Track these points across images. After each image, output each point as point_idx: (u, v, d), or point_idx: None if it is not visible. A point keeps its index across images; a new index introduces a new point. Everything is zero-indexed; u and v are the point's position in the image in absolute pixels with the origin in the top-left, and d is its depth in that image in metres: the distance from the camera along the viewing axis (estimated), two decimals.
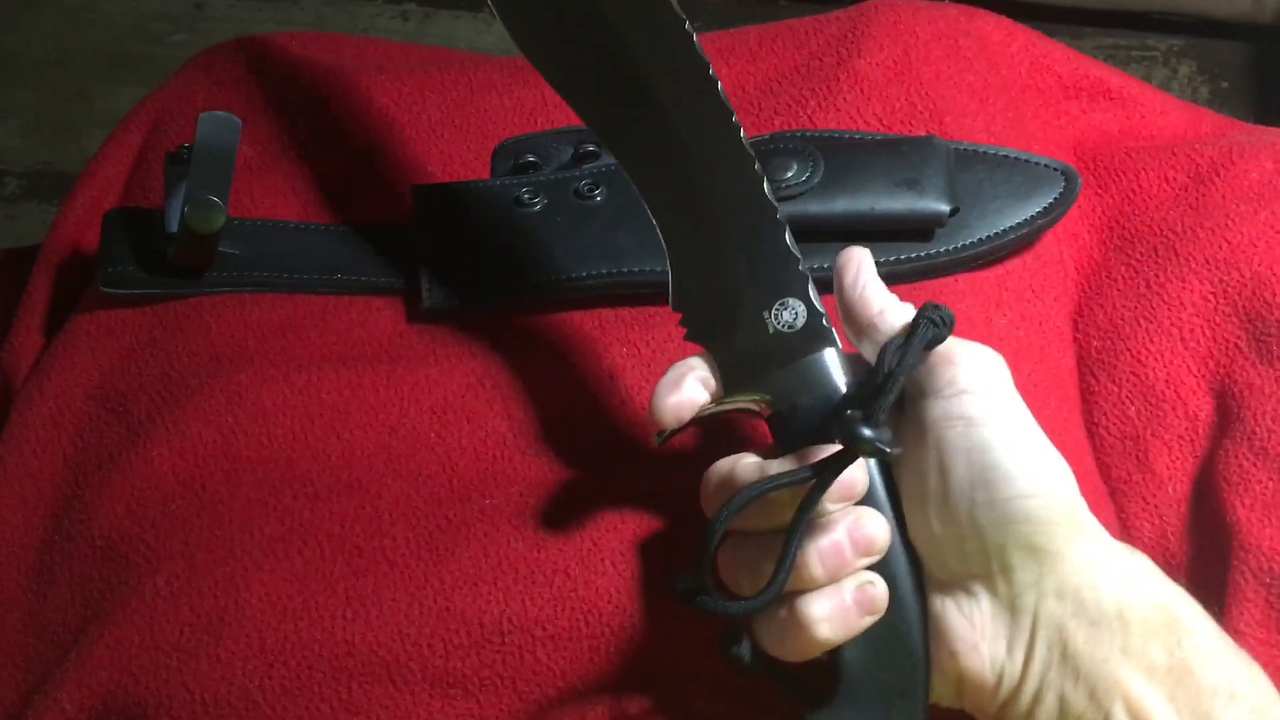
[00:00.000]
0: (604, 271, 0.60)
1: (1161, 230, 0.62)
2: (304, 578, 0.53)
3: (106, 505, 0.56)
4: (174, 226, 0.60)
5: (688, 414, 0.49)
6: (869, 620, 0.46)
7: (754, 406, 0.50)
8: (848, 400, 0.48)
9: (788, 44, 0.68)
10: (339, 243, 0.63)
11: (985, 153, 0.62)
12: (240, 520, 0.54)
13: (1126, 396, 0.59)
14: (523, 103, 0.67)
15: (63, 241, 0.67)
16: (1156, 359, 0.59)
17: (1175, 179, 0.64)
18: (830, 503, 0.46)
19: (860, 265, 0.50)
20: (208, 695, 0.50)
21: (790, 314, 0.50)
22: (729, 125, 0.51)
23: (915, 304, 0.58)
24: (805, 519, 0.45)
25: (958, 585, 0.47)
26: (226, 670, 0.51)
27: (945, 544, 0.46)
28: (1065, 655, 0.45)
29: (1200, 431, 0.58)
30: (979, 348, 0.48)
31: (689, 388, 0.49)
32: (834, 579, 0.46)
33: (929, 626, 0.47)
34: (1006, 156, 0.62)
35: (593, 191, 0.62)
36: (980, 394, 0.46)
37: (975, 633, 0.46)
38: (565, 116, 0.67)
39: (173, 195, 0.60)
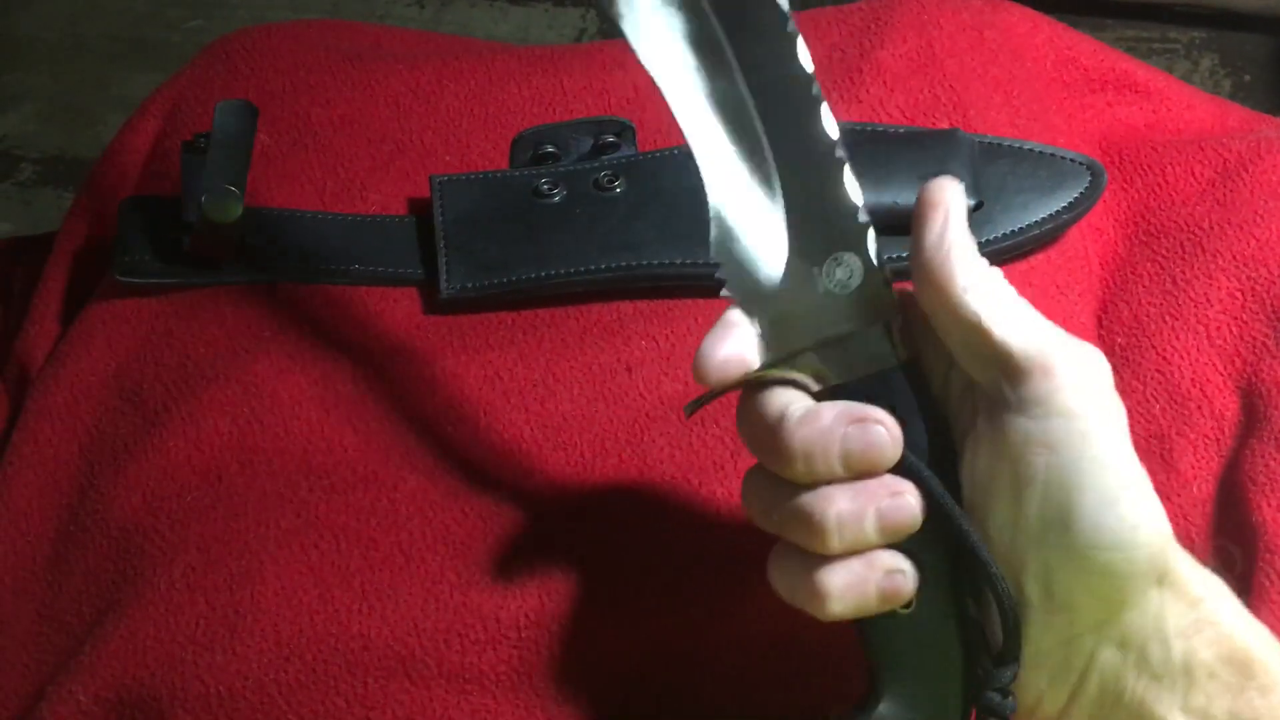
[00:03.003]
0: (623, 264, 0.59)
1: (1188, 226, 0.62)
2: (320, 571, 0.52)
3: (122, 495, 0.55)
4: (191, 216, 0.59)
5: (735, 372, 0.42)
6: (885, 608, 0.42)
7: (805, 379, 0.42)
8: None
9: (809, 34, 0.67)
10: (356, 233, 0.63)
11: (1010, 146, 0.61)
12: (256, 512, 0.54)
13: (1151, 394, 0.58)
14: (542, 93, 0.67)
15: (78, 230, 0.67)
16: (1182, 356, 0.58)
17: (1202, 174, 0.63)
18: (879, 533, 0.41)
19: (948, 215, 0.41)
20: (223, 688, 0.50)
21: (845, 271, 0.43)
22: (787, 36, 0.43)
23: None
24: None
25: None
26: (242, 663, 0.50)
27: (1001, 565, 0.41)
28: (1118, 703, 0.41)
29: (1226, 430, 0.57)
30: (1083, 355, 0.40)
31: (740, 342, 0.42)
32: (852, 553, 0.41)
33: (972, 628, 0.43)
34: (1031, 150, 0.61)
35: (612, 183, 0.61)
36: (1076, 419, 0.39)
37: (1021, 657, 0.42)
38: (585, 107, 0.66)
39: (190, 184, 0.60)
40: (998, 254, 0.59)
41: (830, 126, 0.43)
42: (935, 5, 0.67)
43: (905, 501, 0.41)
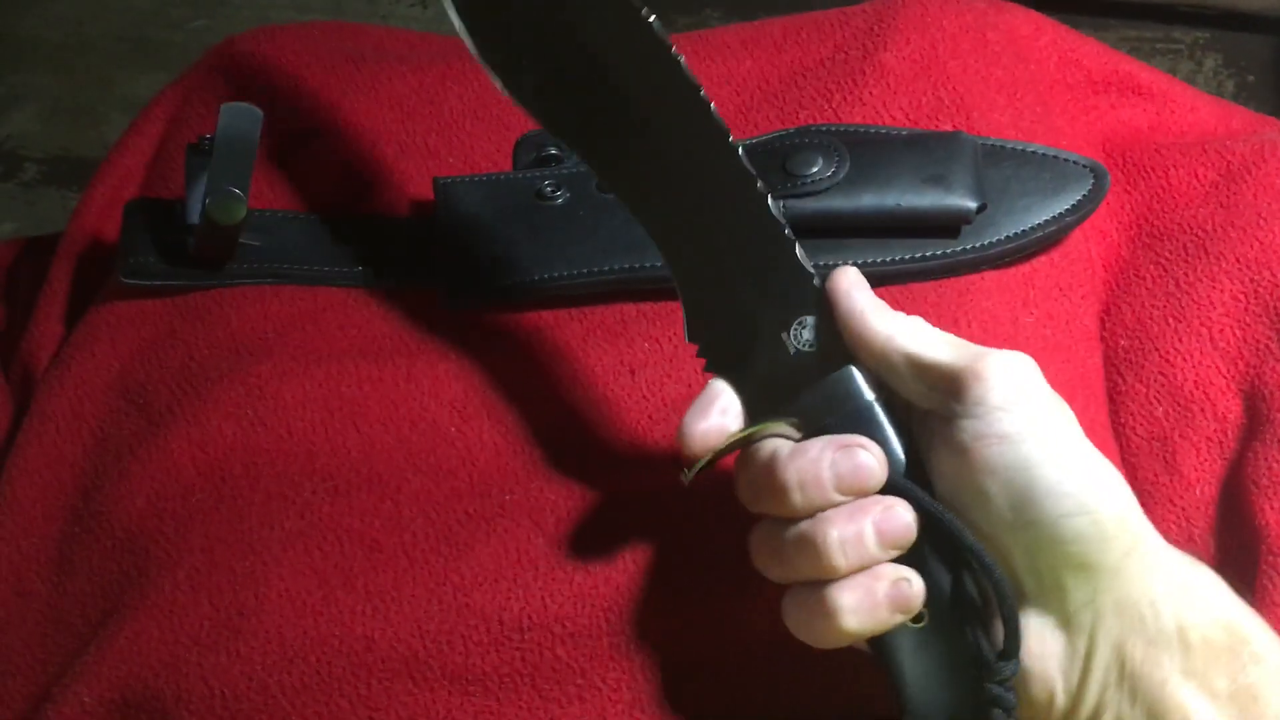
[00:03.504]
0: (626, 266, 0.59)
1: (1191, 228, 0.61)
2: (324, 573, 0.52)
3: (126, 497, 0.56)
4: (195, 217, 0.60)
5: (716, 440, 0.47)
6: (900, 618, 0.44)
7: (786, 430, 0.47)
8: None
9: (812, 36, 0.67)
10: (360, 235, 0.63)
11: (1013, 149, 0.61)
12: (260, 514, 0.54)
13: (1154, 397, 0.58)
14: None
15: (83, 231, 0.67)
16: (1185, 359, 0.58)
17: (1206, 176, 0.63)
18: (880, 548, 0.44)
19: (852, 289, 0.47)
20: (227, 690, 0.50)
21: (809, 331, 0.48)
22: (725, 148, 0.49)
23: (941, 302, 0.58)
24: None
25: None
26: (246, 665, 0.50)
27: None
28: (1123, 675, 0.43)
29: (1229, 433, 0.57)
30: (1006, 357, 0.45)
31: (717, 414, 0.47)
32: (858, 569, 0.44)
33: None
34: (1035, 153, 0.61)
35: None
36: (1015, 408, 0.44)
37: (1028, 652, 0.44)
38: None
39: (194, 186, 0.60)
40: (1000, 256, 0.59)
41: (776, 211, 0.49)
42: (938, 7, 0.67)
43: (898, 513, 0.45)
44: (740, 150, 0.49)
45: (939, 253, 0.59)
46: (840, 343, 0.47)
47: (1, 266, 0.73)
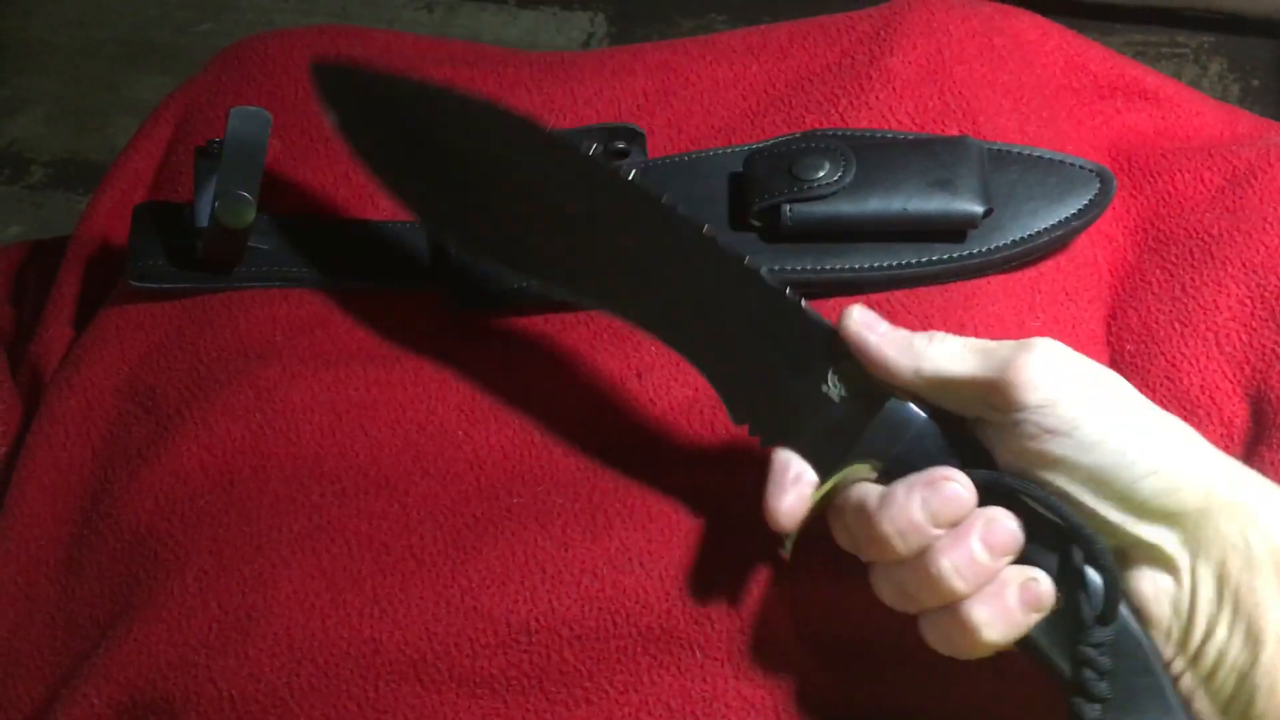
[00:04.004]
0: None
1: (1197, 233, 0.61)
2: (332, 575, 0.52)
3: (135, 500, 0.56)
4: (204, 221, 0.60)
5: (802, 511, 0.48)
6: (1036, 617, 0.45)
7: (862, 472, 0.48)
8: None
9: (819, 41, 0.67)
10: (368, 238, 0.63)
11: (1019, 153, 0.61)
12: (268, 517, 0.54)
13: (1160, 401, 0.58)
14: (552, 99, 0.67)
15: (92, 234, 0.67)
16: (1191, 364, 0.58)
17: (1212, 181, 0.63)
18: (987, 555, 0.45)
19: (868, 326, 0.48)
20: (235, 692, 0.50)
21: (845, 376, 0.49)
22: (703, 242, 0.49)
23: (948, 306, 0.58)
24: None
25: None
26: (254, 667, 0.51)
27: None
28: (1224, 599, 0.45)
29: (1235, 437, 0.57)
30: (1031, 354, 0.45)
31: (793, 485, 0.48)
32: (981, 586, 0.45)
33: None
34: (1041, 157, 0.61)
35: None
36: (1058, 401, 0.45)
37: (1143, 597, 0.46)
38: (595, 114, 0.66)
39: (203, 190, 0.60)
40: (1007, 261, 0.59)
41: (771, 280, 0.49)
42: (945, 12, 0.67)
43: (1001, 523, 0.45)
44: (716, 238, 0.49)
45: (945, 257, 0.59)
46: (876, 378, 0.48)
47: (9, 269, 0.73)
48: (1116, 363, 0.60)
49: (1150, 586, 0.46)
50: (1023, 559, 0.46)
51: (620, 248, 0.51)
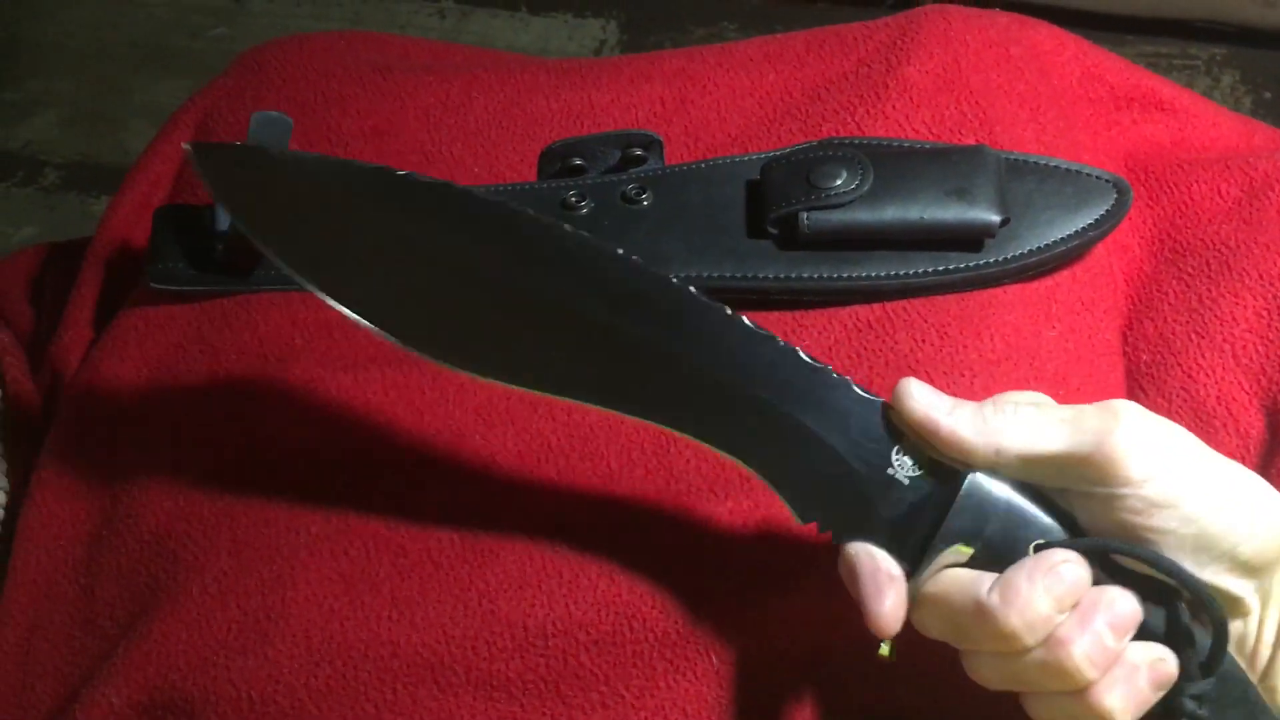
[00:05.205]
0: None
1: (1214, 244, 0.62)
2: (350, 577, 0.53)
3: (154, 501, 0.56)
4: (224, 224, 0.60)
5: (904, 609, 0.45)
6: (1163, 693, 0.44)
7: (953, 559, 0.45)
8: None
9: (835, 50, 0.68)
10: None
11: (1036, 163, 0.61)
12: (286, 519, 0.55)
13: (1176, 412, 0.58)
14: (570, 105, 0.67)
15: (112, 236, 0.67)
16: (1208, 375, 0.58)
17: (1228, 192, 0.63)
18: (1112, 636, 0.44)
19: (928, 418, 0.45)
20: (254, 693, 0.51)
21: (909, 456, 0.46)
22: (746, 333, 0.46)
23: (964, 315, 0.58)
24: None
25: None
26: (273, 668, 0.51)
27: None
28: None
29: (1252, 449, 0.57)
30: (1126, 424, 0.44)
31: (888, 584, 0.45)
32: (1109, 669, 0.44)
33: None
34: (1058, 167, 0.61)
35: (640, 195, 0.62)
36: (1160, 473, 0.43)
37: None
38: (612, 120, 0.67)
39: None
40: (1023, 270, 0.60)
41: (811, 360, 0.46)
42: (961, 22, 0.67)
43: (1122, 604, 0.44)
44: (752, 326, 0.46)
45: (962, 266, 0.59)
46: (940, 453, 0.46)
47: (29, 271, 0.73)
48: (1132, 373, 0.61)
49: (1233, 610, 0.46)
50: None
51: (679, 359, 0.47)
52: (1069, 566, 0.44)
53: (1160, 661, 0.44)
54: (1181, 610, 0.45)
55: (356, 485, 0.56)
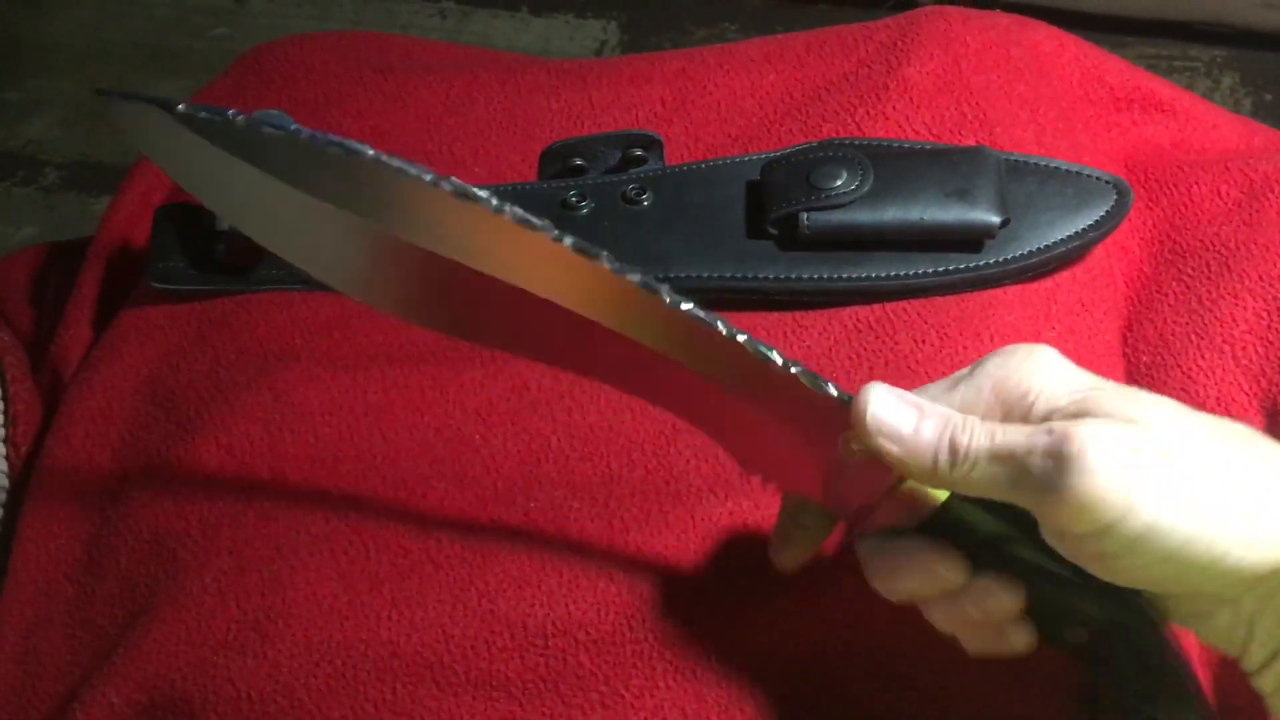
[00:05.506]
0: (651, 276, 0.60)
1: (1214, 245, 0.62)
2: (349, 577, 0.53)
3: (154, 500, 0.56)
4: (224, 224, 0.60)
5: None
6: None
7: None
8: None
9: (836, 51, 0.68)
10: None
11: (1036, 164, 0.61)
12: (286, 519, 0.55)
13: None
14: (571, 105, 0.67)
15: (112, 236, 0.67)
16: (1207, 376, 0.58)
17: (1229, 194, 0.63)
18: None
19: (884, 447, 0.42)
20: (253, 692, 0.51)
21: None
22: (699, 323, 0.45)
23: (964, 316, 0.59)
24: None
25: None
26: (272, 668, 0.51)
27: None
28: None
29: None
30: (1070, 462, 0.38)
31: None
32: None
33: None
34: (1058, 168, 0.61)
35: (640, 195, 0.62)
36: (1129, 512, 0.38)
37: (1215, 630, 0.43)
38: (613, 121, 0.67)
39: None
40: (1023, 271, 0.60)
41: (772, 354, 0.43)
42: (962, 23, 0.67)
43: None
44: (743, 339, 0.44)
45: (962, 267, 0.59)
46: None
47: (29, 270, 0.73)
48: (1132, 374, 0.61)
49: (1209, 627, 0.43)
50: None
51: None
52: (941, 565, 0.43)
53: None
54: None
55: (356, 485, 0.56)
